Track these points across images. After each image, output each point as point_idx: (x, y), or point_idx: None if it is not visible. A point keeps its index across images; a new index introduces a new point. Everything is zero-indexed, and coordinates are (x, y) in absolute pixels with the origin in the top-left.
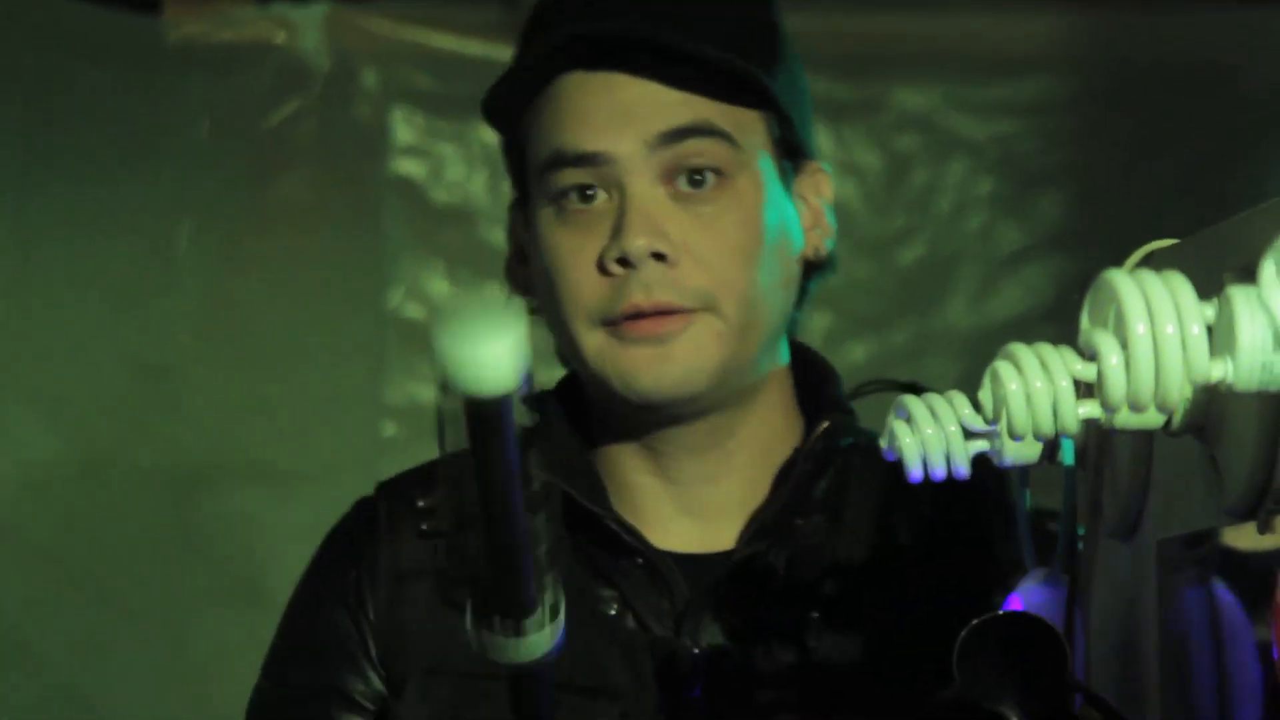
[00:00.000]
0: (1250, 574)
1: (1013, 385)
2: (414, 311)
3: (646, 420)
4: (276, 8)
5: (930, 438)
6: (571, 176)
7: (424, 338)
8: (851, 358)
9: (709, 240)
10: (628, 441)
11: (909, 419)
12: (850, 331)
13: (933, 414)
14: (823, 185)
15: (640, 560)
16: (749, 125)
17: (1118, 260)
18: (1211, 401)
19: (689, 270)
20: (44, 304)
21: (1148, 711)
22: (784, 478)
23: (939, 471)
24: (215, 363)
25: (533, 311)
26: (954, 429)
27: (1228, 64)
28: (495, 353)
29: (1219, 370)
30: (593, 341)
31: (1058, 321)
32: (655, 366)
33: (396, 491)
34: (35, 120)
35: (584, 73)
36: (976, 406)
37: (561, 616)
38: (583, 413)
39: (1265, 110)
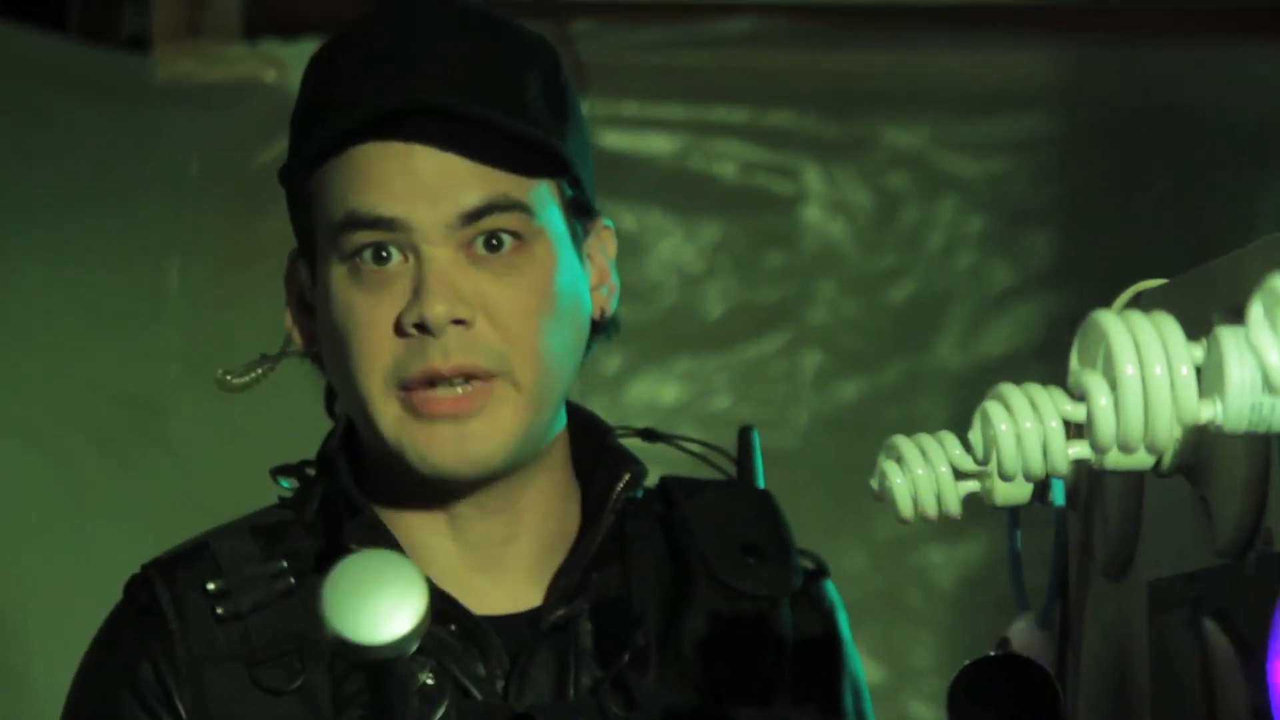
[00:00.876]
0: (1241, 615)
1: (1003, 426)
2: None
3: (442, 488)
4: (266, 46)
5: (921, 478)
6: (366, 238)
7: None
8: (842, 396)
9: (505, 302)
10: (420, 504)
11: (899, 459)
12: (840, 370)
13: (923, 454)
14: (608, 243)
15: (453, 627)
16: (544, 193)
17: (1108, 298)
18: (1201, 443)
19: (484, 330)
20: (31, 336)
21: None
22: (589, 532)
23: (930, 513)
24: (202, 397)
25: (311, 359)
26: (945, 470)
27: (1212, 102)
28: (391, 604)
29: (1208, 411)
30: (389, 412)
31: (1048, 360)
32: (455, 445)
33: (175, 574)
34: (24, 155)
35: (380, 141)
36: (967, 446)
37: None
38: (357, 464)
39: (1250, 147)
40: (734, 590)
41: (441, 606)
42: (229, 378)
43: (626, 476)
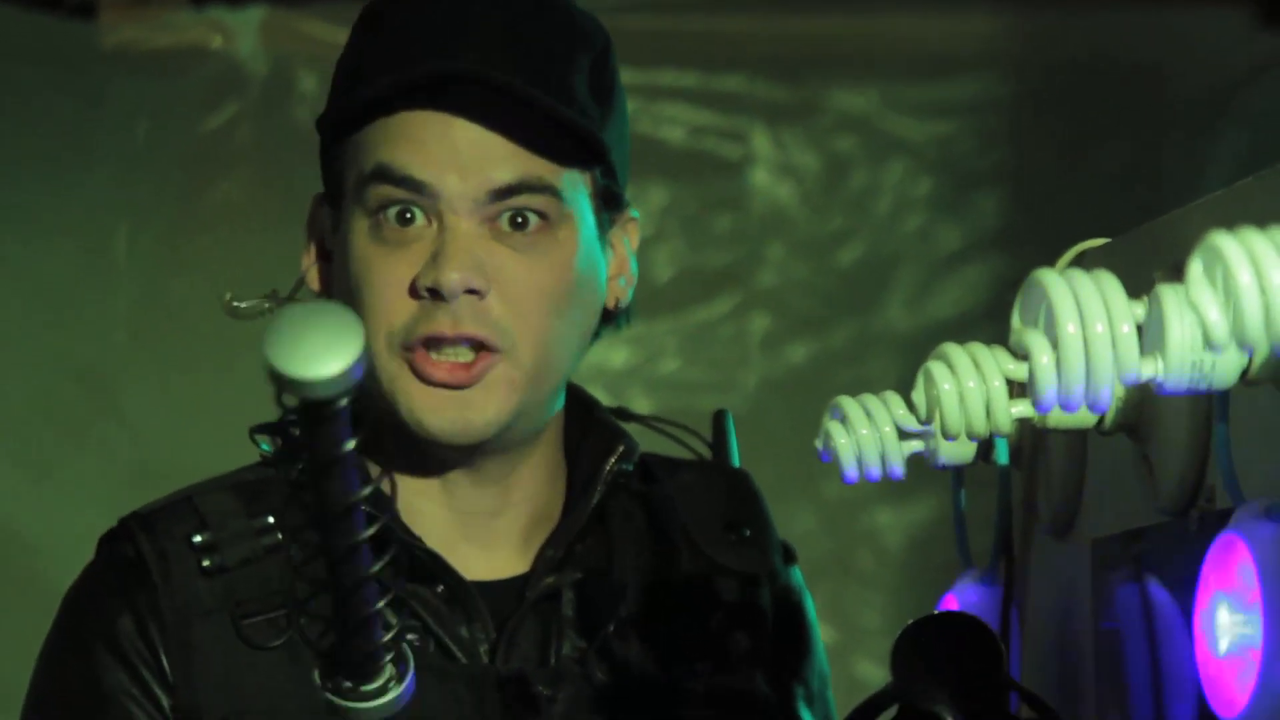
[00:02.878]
0: (1184, 571)
1: (945, 385)
2: None
3: (439, 454)
4: (212, 12)
5: (865, 438)
6: (393, 194)
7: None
8: (791, 359)
9: (521, 280)
10: (414, 469)
11: (844, 419)
12: (790, 333)
13: (867, 414)
14: (632, 234)
15: (441, 588)
16: (577, 179)
17: (1056, 260)
18: (1143, 400)
19: (495, 303)
20: None
21: (1083, 708)
22: (579, 504)
23: (874, 472)
24: (153, 366)
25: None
26: (889, 429)
27: (1158, 64)
28: (326, 343)
29: (1149, 369)
30: (390, 369)
31: (997, 321)
32: (451, 412)
33: (159, 527)
34: None
35: (424, 105)
36: (911, 406)
37: (410, 676)
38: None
39: (1195, 109)
40: (718, 565)
41: (431, 567)
42: (235, 304)
43: (620, 449)
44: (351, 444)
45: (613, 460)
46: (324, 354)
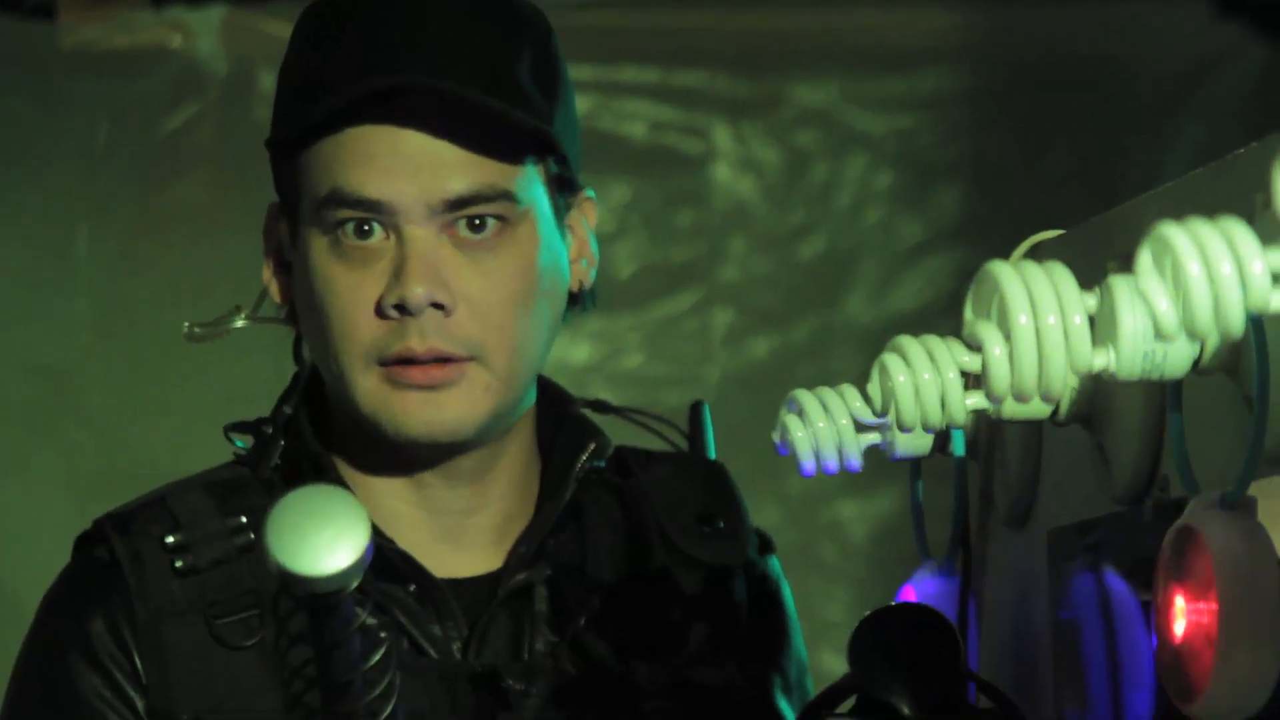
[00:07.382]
0: (1140, 561)
1: (900, 377)
2: None
3: (413, 456)
4: (172, 12)
5: (822, 431)
6: (349, 214)
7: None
8: (753, 353)
9: (485, 289)
10: (388, 470)
11: (800, 412)
12: (752, 327)
13: (824, 407)
14: (590, 213)
15: (412, 587)
16: (530, 173)
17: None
18: (1097, 391)
19: (463, 318)
20: None
21: (1041, 699)
22: (551, 500)
23: (831, 464)
24: (114, 366)
25: (283, 321)
26: (845, 422)
27: (1117, 57)
28: (332, 535)
29: (1101, 360)
30: (366, 383)
31: (959, 314)
32: (426, 413)
33: (132, 527)
34: None
35: (371, 120)
36: (867, 399)
37: None
38: (318, 423)
39: (1154, 102)
40: (691, 558)
41: (402, 567)
42: (195, 329)
43: (591, 446)
44: (358, 622)
45: (584, 457)
46: (332, 547)
